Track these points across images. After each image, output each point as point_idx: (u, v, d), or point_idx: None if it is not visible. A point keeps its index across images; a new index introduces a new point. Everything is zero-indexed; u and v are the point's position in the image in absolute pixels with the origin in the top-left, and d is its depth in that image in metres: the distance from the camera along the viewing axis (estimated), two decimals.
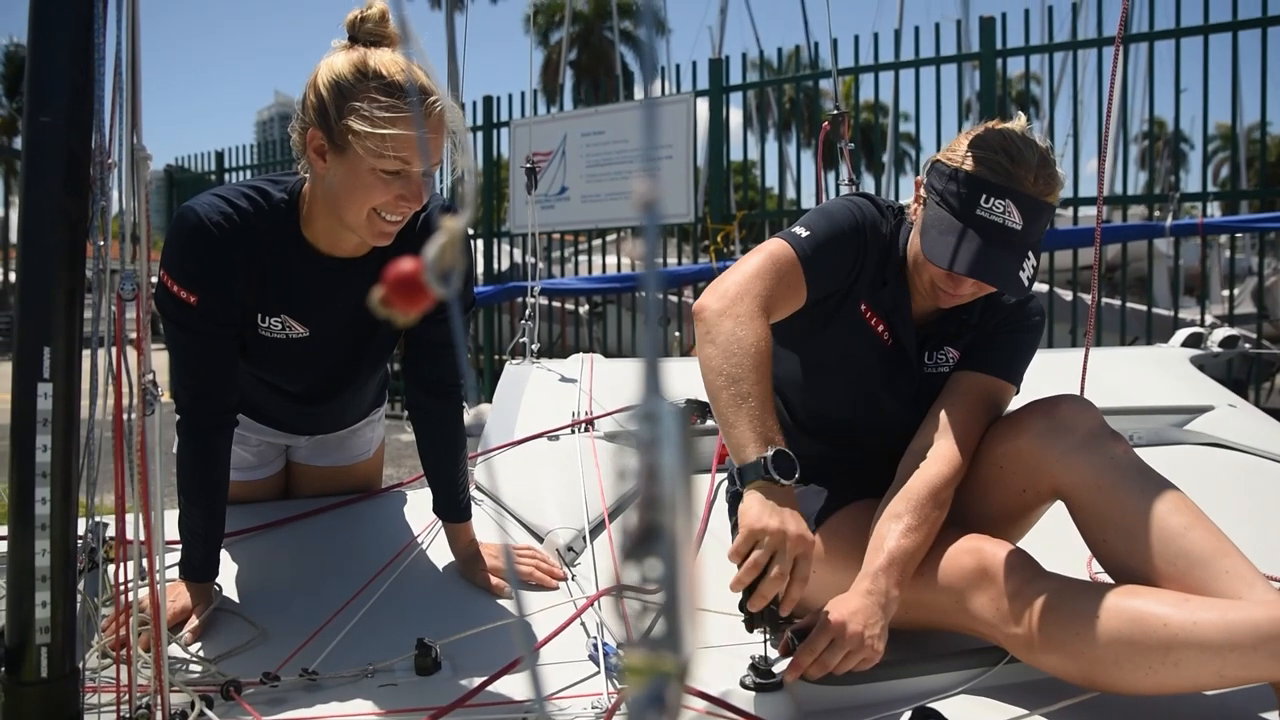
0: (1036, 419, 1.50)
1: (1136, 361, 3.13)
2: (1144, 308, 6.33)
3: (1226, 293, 8.92)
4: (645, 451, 0.33)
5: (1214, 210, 6.40)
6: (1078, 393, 1.82)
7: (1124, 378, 2.80)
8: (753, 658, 1.37)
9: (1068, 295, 6.56)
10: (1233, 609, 1.23)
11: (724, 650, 1.47)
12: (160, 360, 1.44)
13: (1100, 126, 1.94)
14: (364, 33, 1.47)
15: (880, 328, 1.65)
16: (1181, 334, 3.62)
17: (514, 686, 1.38)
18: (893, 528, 1.45)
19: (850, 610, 1.36)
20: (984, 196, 1.47)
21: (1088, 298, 6.48)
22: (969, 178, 1.48)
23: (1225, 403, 2.65)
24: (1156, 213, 5.89)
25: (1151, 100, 6.02)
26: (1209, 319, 6.01)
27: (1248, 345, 4.11)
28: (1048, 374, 2.47)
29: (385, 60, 1.43)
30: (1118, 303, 6.16)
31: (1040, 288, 6.84)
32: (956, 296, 1.56)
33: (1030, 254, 1.49)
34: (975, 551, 1.42)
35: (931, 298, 1.61)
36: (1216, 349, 3.54)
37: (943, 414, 1.58)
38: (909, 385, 1.67)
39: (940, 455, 1.53)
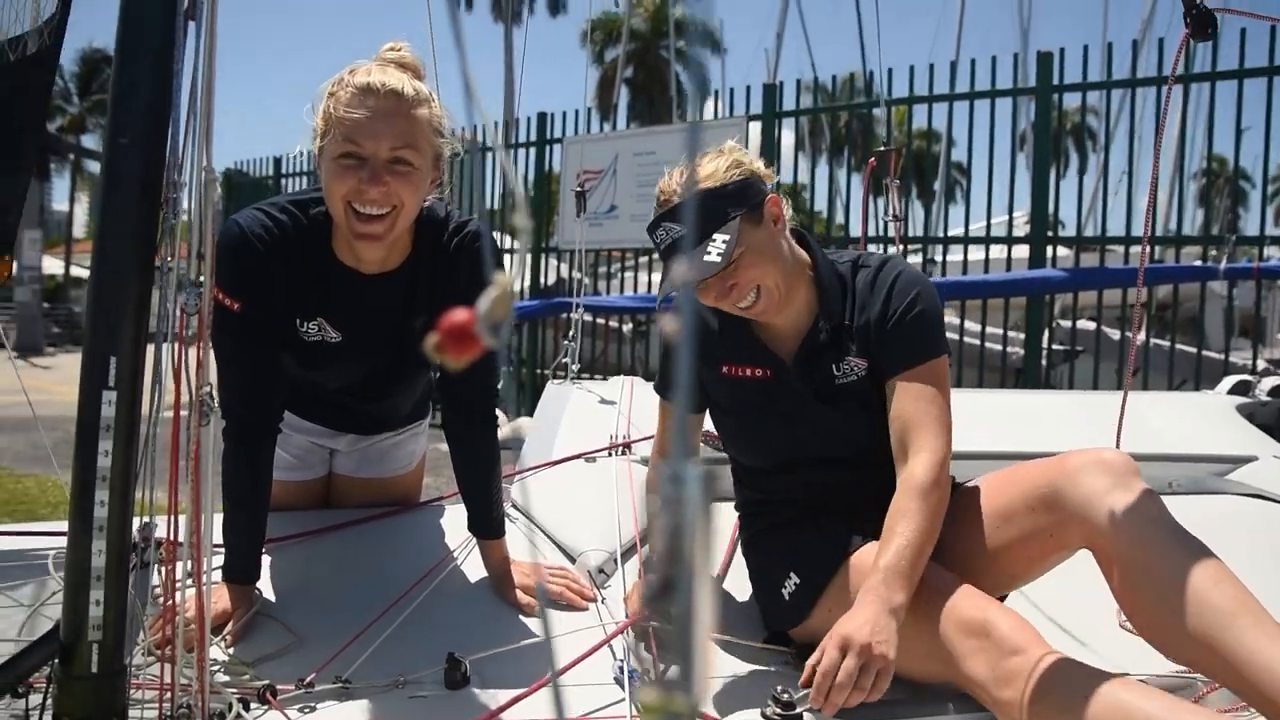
0: (1074, 468, 1.51)
1: (1180, 407, 3.09)
2: (1194, 350, 6.23)
3: None
4: (669, 511, 0.36)
5: (1273, 253, 6.29)
6: (1115, 437, 1.82)
7: (1166, 423, 2.77)
8: (775, 690, 1.39)
9: (1115, 334, 6.47)
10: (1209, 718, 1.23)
11: (746, 680, 1.49)
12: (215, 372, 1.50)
13: (1155, 165, 1.94)
14: (379, 59, 1.62)
15: (749, 372, 1.74)
16: (1228, 381, 3.57)
17: (540, 705, 1.40)
18: (886, 547, 1.48)
19: (855, 623, 1.39)
20: (654, 238, 1.65)
21: (1137, 337, 6.38)
22: (650, 236, 1.66)
23: (1270, 454, 2.61)
24: (1213, 252, 5.81)
25: (1210, 139, 5.95)
26: (1261, 364, 5.90)
27: None
28: (1089, 415, 2.45)
29: (364, 68, 1.57)
30: (1167, 344, 6.07)
31: (1088, 325, 6.77)
32: (738, 299, 1.62)
33: (713, 237, 1.55)
34: (981, 610, 1.42)
35: (761, 322, 1.70)
36: (1265, 397, 3.48)
37: (897, 419, 1.62)
38: (813, 401, 1.70)
39: (915, 450, 1.57)
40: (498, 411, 1.97)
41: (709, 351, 1.76)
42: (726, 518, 2.11)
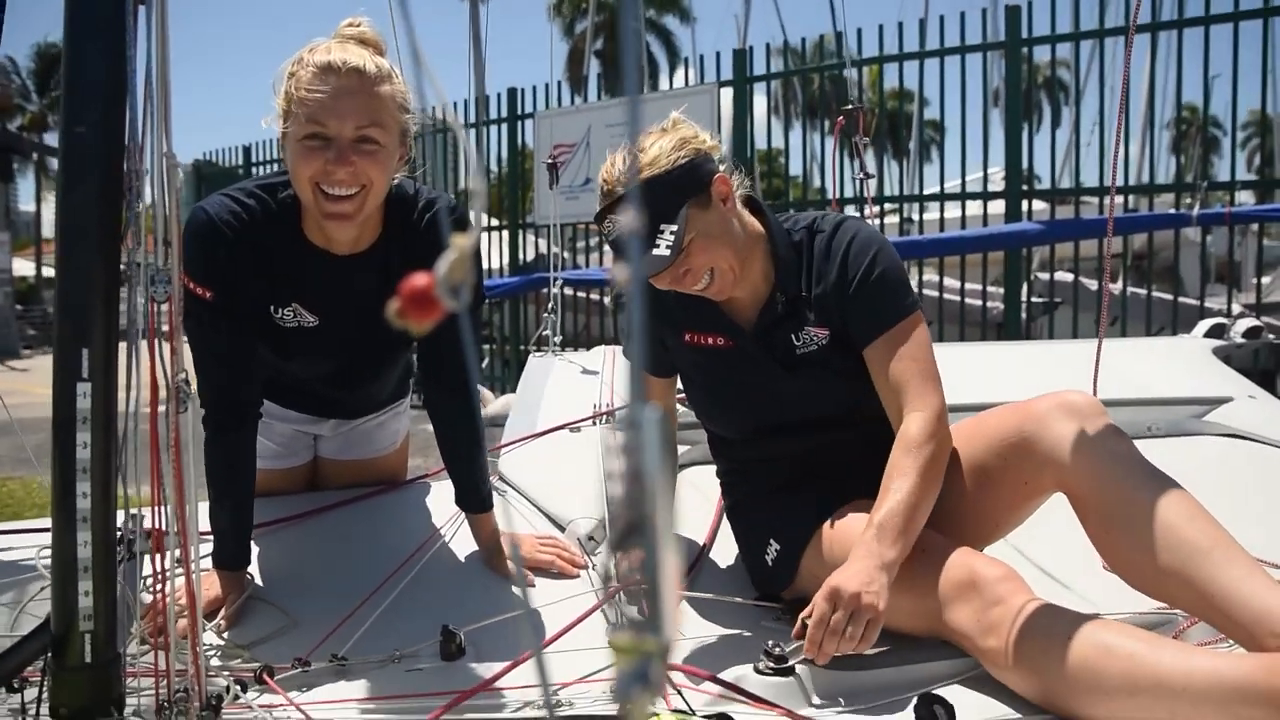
0: (1040, 413, 1.52)
1: (1157, 352, 3.12)
2: (1170, 297, 6.29)
3: (1256, 280, 8.83)
4: (629, 455, 0.37)
5: (1247, 198, 6.33)
6: (1092, 383, 1.84)
7: (1144, 368, 2.80)
8: (767, 644, 1.41)
9: (1093, 285, 6.51)
10: (1199, 655, 1.25)
11: (739, 637, 1.51)
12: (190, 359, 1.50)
13: (1128, 114, 1.95)
14: (338, 36, 1.60)
15: (711, 340, 1.75)
16: (1204, 324, 3.61)
17: (535, 672, 1.42)
18: (880, 504, 1.50)
19: (846, 575, 1.41)
20: (602, 228, 1.63)
21: (1114, 287, 6.43)
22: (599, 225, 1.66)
23: (1245, 394, 2.65)
24: (1187, 199, 5.84)
25: (1179, 87, 5.97)
26: (1236, 308, 5.95)
27: (1272, 336, 4.08)
28: (1069, 364, 2.48)
29: (323, 46, 1.54)
30: (1144, 292, 6.11)
31: (1065, 277, 6.81)
32: (692, 283, 1.61)
33: (661, 228, 1.54)
34: (967, 566, 1.44)
35: (706, 295, 1.67)
36: (1240, 340, 3.52)
37: (885, 384, 1.63)
38: (776, 369, 1.71)
39: (909, 410, 1.58)
40: (483, 389, 1.97)
41: (672, 317, 1.77)
42: (714, 478, 2.13)
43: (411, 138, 1.63)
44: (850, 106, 2.37)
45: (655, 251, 1.53)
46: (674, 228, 1.53)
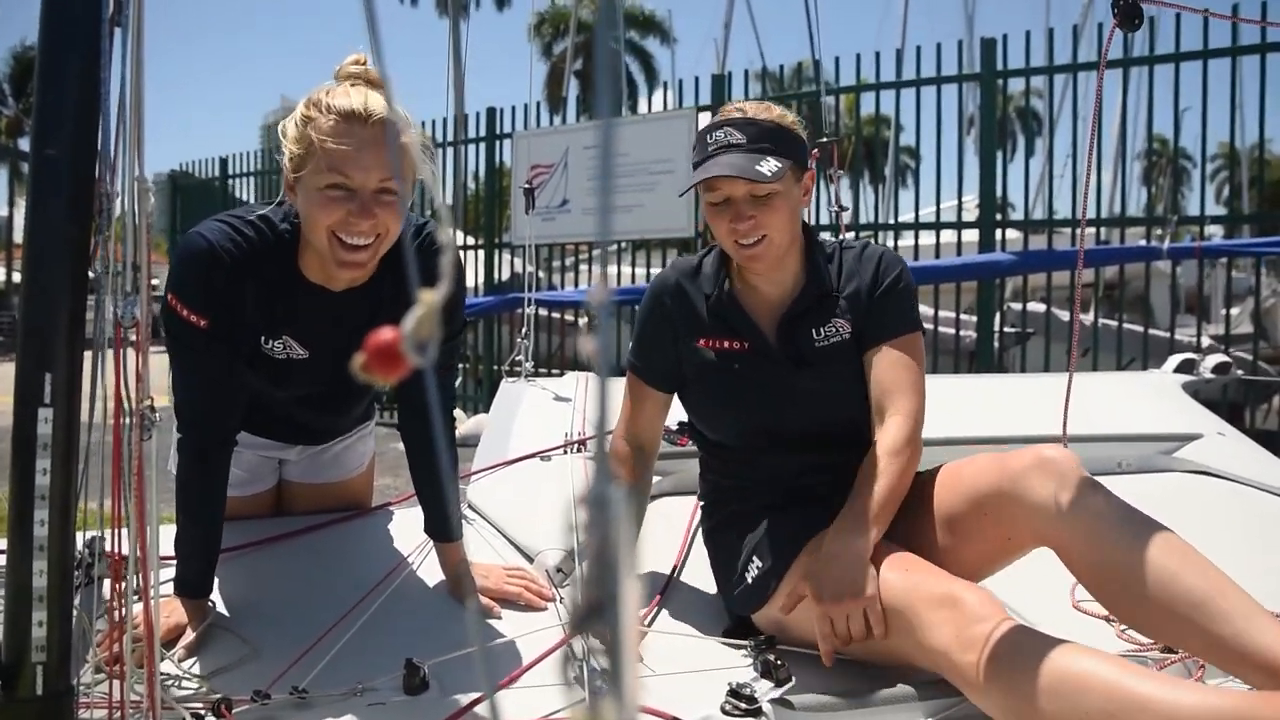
0: (1018, 471, 1.54)
1: (1129, 387, 3.16)
2: (1141, 329, 6.36)
3: (1225, 311, 8.95)
4: (594, 533, 0.36)
5: (1215, 230, 6.42)
6: (1061, 419, 1.86)
7: (1115, 404, 2.83)
8: (731, 684, 1.40)
9: (1065, 315, 6.57)
10: (1184, 685, 1.25)
11: (705, 676, 1.50)
12: (157, 378, 1.47)
13: (1100, 148, 1.98)
14: (342, 77, 1.59)
15: (725, 344, 1.80)
16: (1174, 360, 3.66)
17: (500, 707, 1.40)
18: (856, 495, 1.61)
19: (831, 589, 1.48)
20: (707, 138, 1.73)
21: (1085, 318, 6.50)
22: (698, 141, 1.76)
23: (1214, 430, 2.68)
24: (1157, 232, 5.91)
25: (1150, 121, 6.06)
26: (1205, 341, 6.02)
27: (1240, 371, 4.13)
28: (1044, 398, 2.50)
29: (340, 89, 1.53)
30: (1115, 323, 6.17)
31: (1038, 307, 6.88)
32: (745, 233, 1.69)
33: (769, 158, 1.66)
34: (949, 586, 1.44)
35: (749, 266, 1.76)
36: (1209, 375, 3.57)
37: (877, 384, 1.73)
38: (790, 369, 1.76)
39: (892, 413, 1.69)
40: (456, 410, 1.95)
41: (688, 330, 1.82)
42: (683, 510, 2.12)
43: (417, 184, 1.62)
44: (825, 139, 2.39)
45: (756, 167, 1.64)
46: (777, 165, 1.66)
